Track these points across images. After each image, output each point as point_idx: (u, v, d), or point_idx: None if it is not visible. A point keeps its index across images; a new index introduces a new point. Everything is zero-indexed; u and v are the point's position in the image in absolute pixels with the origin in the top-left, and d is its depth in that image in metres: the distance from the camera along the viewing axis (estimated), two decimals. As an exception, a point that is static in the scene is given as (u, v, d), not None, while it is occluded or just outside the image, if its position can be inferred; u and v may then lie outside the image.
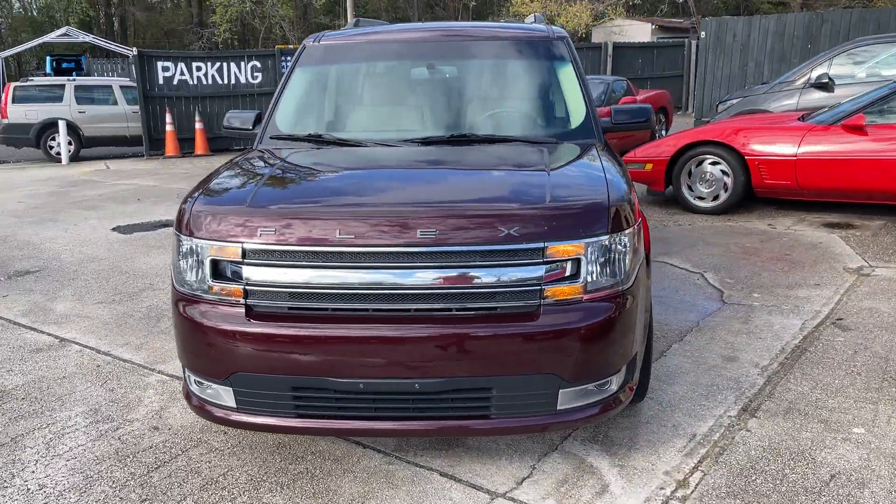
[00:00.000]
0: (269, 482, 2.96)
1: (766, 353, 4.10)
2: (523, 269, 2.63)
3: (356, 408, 2.70)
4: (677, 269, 5.78)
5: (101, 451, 3.22)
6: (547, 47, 4.18)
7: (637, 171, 7.93)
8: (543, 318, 2.63)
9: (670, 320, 4.65)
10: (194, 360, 2.81)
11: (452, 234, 2.61)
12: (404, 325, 2.61)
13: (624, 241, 2.78)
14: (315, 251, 2.64)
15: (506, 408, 2.70)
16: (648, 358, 3.25)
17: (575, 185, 2.99)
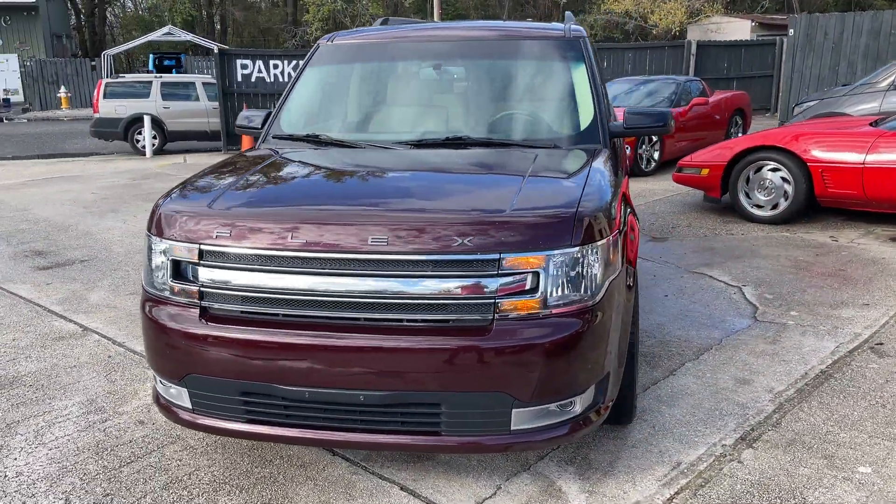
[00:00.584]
0: (230, 485, 2.95)
1: (785, 378, 3.81)
2: (477, 281, 2.51)
3: (304, 416, 2.65)
4: (715, 281, 5.47)
5: (84, 442, 3.30)
6: (559, 47, 4.02)
7: (692, 176, 7.59)
8: (496, 333, 2.51)
9: (691, 336, 4.40)
10: (155, 359, 2.83)
11: (404, 242, 2.52)
12: (351, 334, 2.54)
13: (593, 254, 2.62)
14: (267, 255, 2.60)
15: (456, 425, 2.59)
16: (632, 376, 3.07)
17: (546, 194, 2.84)
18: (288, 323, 2.61)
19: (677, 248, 6.42)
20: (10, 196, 10.05)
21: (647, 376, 3.86)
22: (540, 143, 3.56)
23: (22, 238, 7.37)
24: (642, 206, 8.31)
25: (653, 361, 4.04)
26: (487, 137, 3.61)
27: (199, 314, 2.70)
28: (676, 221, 7.51)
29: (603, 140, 3.64)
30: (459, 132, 3.64)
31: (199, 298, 2.70)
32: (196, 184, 3.10)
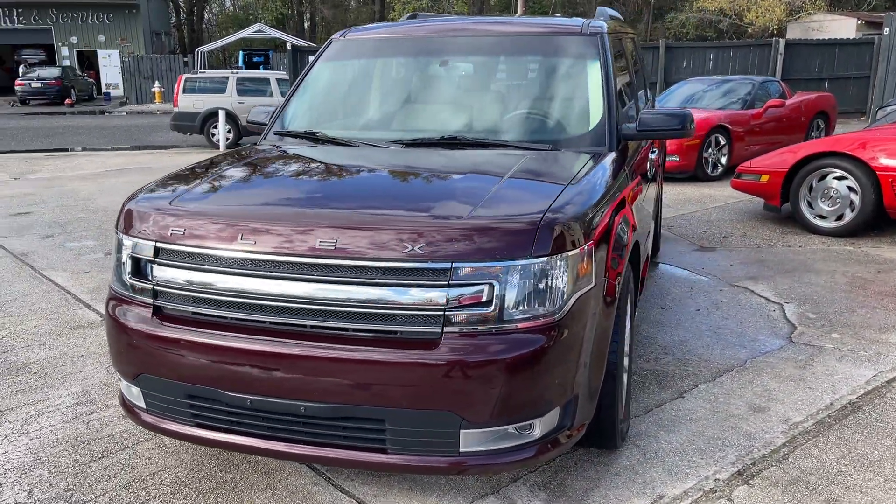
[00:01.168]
0: (189, 488, 2.89)
1: (806, 408, 3.47)
2: (426, 291, 2.36)
3: (248, 424, 2.56)
4: (756, 296, 5.09)
5: (65, 433, 3.31)
6: (573, 44, 3.79)
7: (751, 182, 7.14)
8: (444, 347, 2.34)
9: (713, 356, 4.08)
10: (114, 358, 2.80)
11: (353, 247, 2.39)
12: (294, 341, 2.43)
13: (559, 266, 2.42)
14: (215, 255, 2.52)
15: (402, 443, 2.44)
16: (613, 399, 2.83)
17: (514, 200, 2.65)
18: (234, 327, 2.52)
19: (724, 259, 6.03)
20: (82, 185, 10.47)
21: (652, 397, 3.59)
22: (537, 145, 3.36)
23: (76, 226, 7.63)
24: (698, 212, 7.90)
25: (664, 381, 3.77)
26: (483, 138, 3.43)
27: (151, 313, 2.64)
28: (730, 230, 7.08)
29: (609, 143, 3.40)
30: (455, 132, 3.48)
31: (153, 297, 2.65)
32: (168, 181, 3.06)
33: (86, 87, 33.15)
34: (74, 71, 33.10)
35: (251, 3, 48.50)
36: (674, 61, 17.80)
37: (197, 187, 2.89)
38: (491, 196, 2.63)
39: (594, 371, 2.65)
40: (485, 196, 2.63)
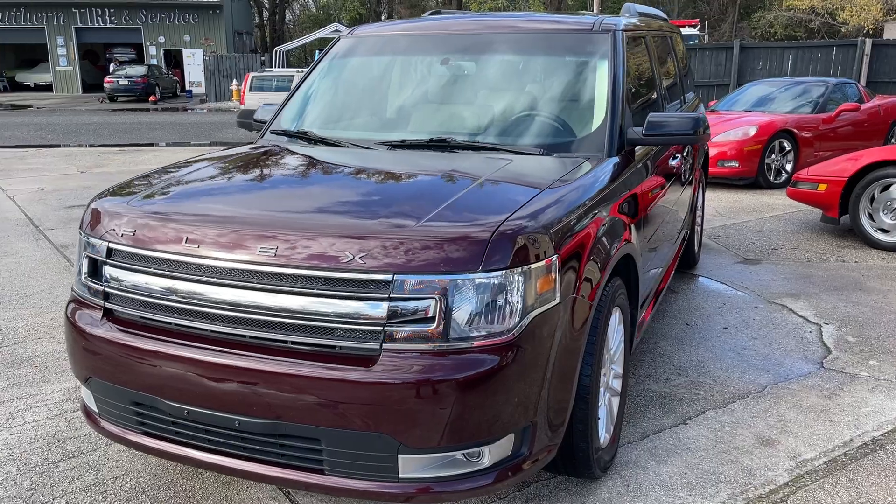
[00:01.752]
0: (146, 495, 2.82)
1: (821, 443, 3.15)
2: (365, 304, 2.20)
3: (189, 435, 2.46)
4: (794, 315, 4.72)
5: (45, 430, 3.31)
6: (580, 43, 3.57)
7: (808, 192, 6.68)
8: (382, 365, 2.18)
9: (731, 379, 3.78)
10: (72, 361, 2.74)
11: (294, 254, 2.26)
12: (233, 352, 2.31)
13: (515, 281, 2.22)
14: (162, 258, 2.44)
15: (340, 466, 2.29)
16: (585, 426, 2.60)
17: (476, 208, 2.45)
18: (177, 333, 2.42)
19: (767, 273, 5.64)
20: (141, 180, 10.74)
21: (652, 422, 3.34)
22: (527, 149, 3.16)
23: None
24: (751, 222, 7.46)
25: (668, 405, 3.50)
26: (473, 141, 3.26)
27: (102, 316, 2.58)
28: (781, 242, 6.64)
29: (608, 149, 3.17)
30: (445, 134, 3.31)
31: (104, 299, 2.59)
32: (137, 180, 3.00)
33: (170, 84, 34.36)
34: (159, 69, 34.36)
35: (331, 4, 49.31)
36: (748, 62, 17.03)
37: (160, 187, 2.82)
38: (450, 203, 2.46)
39: (558, 395, 2.43)
40: (443, 203, 2.46)
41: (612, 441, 2.98)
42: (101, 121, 22.06)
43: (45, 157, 13.42)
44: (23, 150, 14.38)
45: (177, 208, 2.59)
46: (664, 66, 4.61)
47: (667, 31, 5.01)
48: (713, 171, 9.20)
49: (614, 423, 3.02)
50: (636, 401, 3.55)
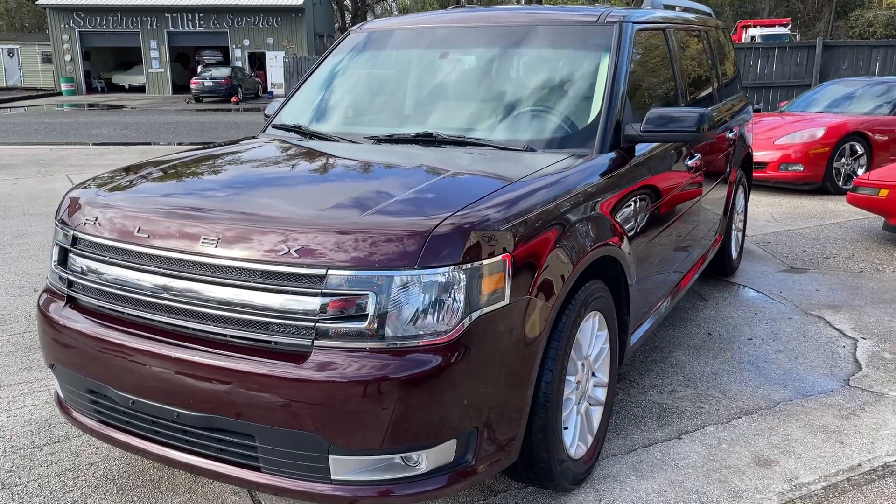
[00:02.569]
0: (114, 483, 2.85)
1: (825, 466, 2.90)
2: (297, 298, 2.15)
3: (136, 424, 2.45)
4: (829, 328, 4.40)
5: (39, 415, 3.40)
6: (582, 36, 3.42)
7: (868, 197, 6.25)
8: (311, 363, 2.12)
9: (742, 394, 3.54)
10: (41, 346, 2.79)
11: (233, 246, 2.23)
12: (174, 343, 2.30)
13: (456, 279, 2.12)
14: (114, 246, 2.45)
15: (274, 463, 2.24)
16: (546, 433, 2.46)
17: (425, 202, 2.36)
18: (126, 322, 2.43)
19: (810, 283, 5.29)
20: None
21: (644, 435, 3.15)
22: (511, 145, 3.04)
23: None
24: (808, 229, 7.03)
25: (666, 418, 3.30)
26: (459, 136, 3.16)
27: (65, 303, 2.62)
28: (836, 251, 6.23)
29: (600, 145, 3.02)
30: (435, 129, 3.22)
31: (68, 287, 2.62)
32: (116, 172, 3.03)
33: (252, 85, 35.38)
34: (243, 71, 35.41)
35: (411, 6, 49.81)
36: (832, 62, 16.17)
37: (129, 179, 2.84)
38: (402, 197, 2.38)
39: (510, 401, 2.31)
40: (395, 196, 2.38)
41: (591, 454, 2.82)
42: (184, 120, 22.89)
43: (123, 153, 13.99)
44: (104, 147, 15.04)
45: (134, 198, 2.60)
46: (692, 63, 4.38)
47: (701, 27, 4.76)
48: (775, 176, 8.76)
49: (594, 435, 2.86)
50: (633, 412, 3.37)
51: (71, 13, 37.63)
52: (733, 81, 5.52)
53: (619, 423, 3.27)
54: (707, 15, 5.26)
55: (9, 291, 5.19)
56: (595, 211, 2.75)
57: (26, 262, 5.95)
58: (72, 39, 38.24)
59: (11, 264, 5.91)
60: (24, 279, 5.49)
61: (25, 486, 2.83)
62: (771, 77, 16.81)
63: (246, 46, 38.39)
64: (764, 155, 8.65)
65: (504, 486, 2.80)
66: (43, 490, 2.81)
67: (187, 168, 3.04)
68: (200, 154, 3.27)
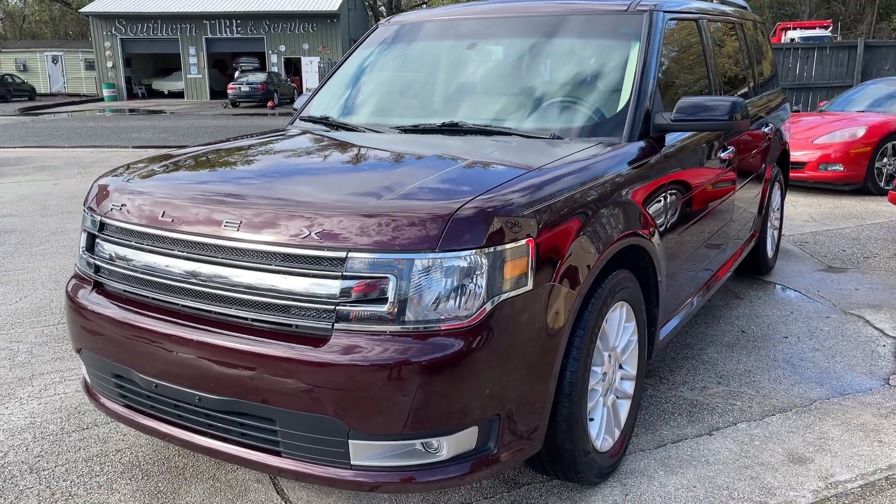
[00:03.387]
0: (140, 469, 2.87)
1: (863, 465, 2.80)
2: (318, 281, 2.13)
3: (159, 409, 2.46)
4: (869, 327, 4.27)
5: (68, 403, 3.44)
6: (612, 24, 3.37)
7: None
8: (331, 346, 2.10)
9: (776, 392, 3.44)
10: (69, 332, 2.82)
11: (255, 230, 2.22)
12: (198, 326, 2.30)
13: (478, 264, 2.09)
14: (140, 231, 2.47)
15: (295, 448, 2.23)
16: (571, 423, 2.41)
17: (447, 188, 2.33)
18: (149, 306, 2.44)
19: (850, 283, 5.14)
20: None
21: (674, 431, 3.08)
22: (538, 133, 3.01)
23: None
24: (848, 229, 6.85)
25: (697, 414, 3.23)
26: (485, 125, 3.13)
27: (92, 288, 2.64)
28: (877, 250, 6.05)
29: (629, 134, 2.97)
30: (458, 118, 3.20)
31: (95, 272, 2.65)
32: (142, 162, 3.05)
33: (287, 90, 35.74)
34: (279, 76, 35.80)
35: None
36: (874, 62, 15.77)
37: (157, 167, 2.86)
38: (424, 182, 2.35)
39: (533, 389, 2.27)
40: (418, 181, 2.36)
41: (618, 448, 2.77)
42: (220, 124, 23.19)
43: (159, 156, 14.22)
44: (143, 150, 15.29)
45: (161, 185, 2.62)
46: (727, 55, 4.29)
47: (736, 19, 4.66)
48: (814, 176, 8.56)
49: (621, 429, 2.80)
50: (663, 407, 3.30)
51: (113, 21, 38.45)
52: (771, 80, 5.40)
53: (648, 418, 3.20)
54: (743, 9, 5.16)
55: (45, 285, 5.29)
56: (623, 199, 2.70)
57: (63, 258, 6.06)
58: (114, 46, 39.05)
59: (49, 259, 6.02)
60: (60, 273, 5.58)
61: (53, 471, 2.86)
62: (811, 78, 16.47)
63: (282, 52, 38.82)
64: (803, 155, 8.46)
65: (529, 478, 2.75)
66: (70, 475, 2.83)
67: (214, 157, 3.05)
68: (228, 145, 3.29)
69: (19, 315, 4.64)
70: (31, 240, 6.73)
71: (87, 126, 21.54)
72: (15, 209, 8.24)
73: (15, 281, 5.40)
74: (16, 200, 8.80)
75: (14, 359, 3.95)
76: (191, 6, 37.68)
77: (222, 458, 2.36)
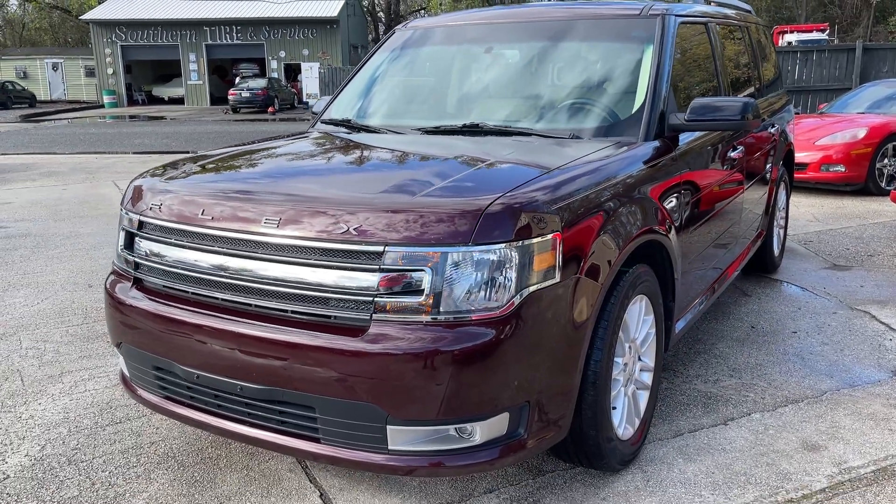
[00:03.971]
0: (175, 460, 2.96)
1: (874, 451, 2.91)
2: (356, 274, 2.24)
3: (200, 399, 2.56)
4: (875, 322, 4.37)
5: (100, 398, 3.54)
6: (626, 28, 3.48)
7: (913, 195, 6.18)
8: (369, 336, 2.21)
9: (788, 384, 3.55)
10: (108, 328, 2.92)
11: (295, 226, 2.33)
12: (237, 319, 2.40)
13: (508, 257, 2.20)
14: (180, 229, 2.57)
15: (333, 434, 2.32)
16: (596, 411, 2.51)
17: (477, 185, 2.43)
18: (192, 301, 2.54)
19: (855, 280, 5.25)
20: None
21: (690, 421, 3.18)
22: (557, 133, 3.11)
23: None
24: (851, 228, 6.97)
25: (712, 405, 3.33)
26: (505, 126, 3.24)
27: (132, 284, 2.74)
28: (880, 249, 6.17)
29: (645, 133, 3.08)
30: (478, 120, 3.31)
31: (134, 269, 2.75)
32: (176, 163, 3.15)
33: (288, 96, 35.88)
34: (279, 82, 35.94)
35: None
36: (872, 65, 15.94)
37: (192, 168, 2.96)
38: (454, 179, 2.46)
39: (561, 377, 2.37)
40: (448, 179, 2.46)
41: (638, 437, 2.87)
42: (221, 130, 23.30)
43: (165, 161, 14.31)
44: (147, 156, 15.39)
45: (198, 185, 2.72)
46: (733, 57, 4.41)
47: (741, 23, 4.78)
48: (816, 176, 8.68)
49: (641, 418, 2.90)
50: (678, 399, 3.40)
51: (113, 27, 38.60)
52: (775, 82, 5.52)
53: (665, 410, 3.30)
54: (747, 13, 5.27)
55: (65, 287, 5.38)
56: (641, 196, 2.80)
57: (80, 261, 6.15)
58: (114, 53, 39.19)
59: (66, 262, 6.12)
60: (78, 276, 5.68)
61: (91, 463, 2.95)
62: (810, 81, 16.63)
63: (282, 58, 38.97)
64: (804, 156, 8.58)
65: (552, 466, 2.85)
66: (108, 466, 2.93)
67: (245, 158, 3.15)
68: (256, 146, 3.39)
69: (43, 316, 4.73)
70: (47, 244, 6.82)
71: (90, 133, 21.65)
72: (27, 214, 8.34)
73: (35, 283, 5.49)
74: (28, 206, 8.90)
75: (42, 357, 4.05)
76: (191, 13, 37.84)
77: (262, 445, 2.46)
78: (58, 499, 2.71)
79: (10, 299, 5.11)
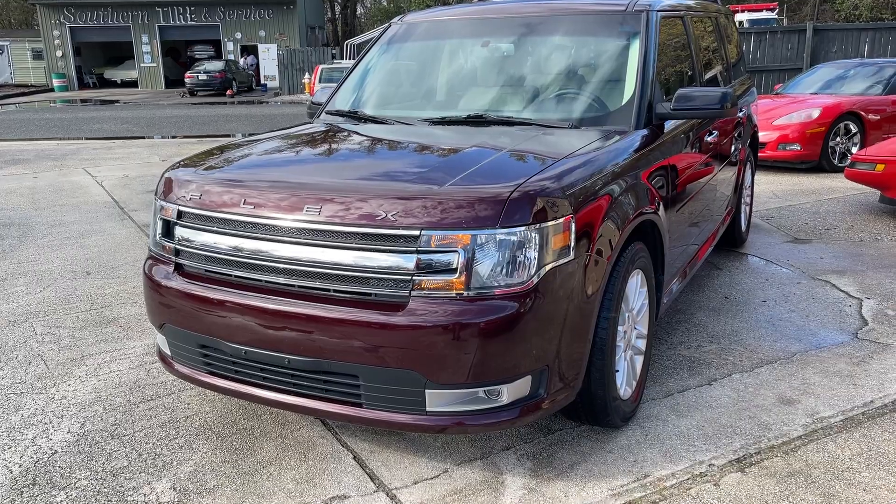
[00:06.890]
0: (212, 431, 3.20)
1: (842, 403, 3.28)
2: (395, 256, 2.50)
3: (246, 373, 2.80)
4: (836, 290, 4.79)
5: (127, 378, 3.74)
6: (613, 23, 3.77)
7: (865, 172, 6.64)
8: (409, 310, 2.47)
9: (762, 347, 3.92)
10: (147, 310, 3.13)
11: (336, 213, 2.57)
12: (283, 299, 2.64)
13: (530, 238, 2.48)
14: (223, 217, 2.78)
15: (375, 399, 2.60)
16: (603, 373, 2.82)
17: (498, 172, 2.71)
18: (236, 284, 2.77)
19: (815, 252, 5.68)
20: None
21: (678, 383, 3.52)
22: (558, 123, 3.39)
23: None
24: (808, 204, 7.43)
25: (696, 368, 3.68)
26: (508, 116, 3.51)
27: (173, 269, 2.95)
28: (836, 223, 6.63)
29: (636, 122, 3.38)
30: (483, 111, 3.58)
31: (175, 255, 2.96)
32: (203, 155, 3.36)
33: (246, 79, 35.51)
34: (236, 64, 35.55)
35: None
36: (823, 45, 16.59)
37: (223, 159, 3.18)
38: (476, 168, 2.72)
39: (574, 343, 2.67)
40: (469, 168, 2.72)
41: (635, 396, 3.19)
42: (182, 114, 23.07)
43: (130, 147, 14.24)
44: (110, 142, 15.27)
45: (235, 175, 2.94)
46: (705, 46, 4.74)
47: (713, 14, 5.11)
48: (774, 155, 9.15)
49: (637, 380, 3.22)
50: (665, 364, 3.74)
51: (61, 9, 37.63)
52: (738, 62, 5.89)
53: (654, 373, 3.63)
54: (714, 2, 5.61)
55: (63, 275, 5.51)
56: (635, 180, 3.11)
57: (71, 249, 6.26)
58: (62, 35, 38.25)
59: (57, 251, 6.22)
60: (74, 264, 5.80)
61: (133, 436, 3.17)
62: (763, 61, 17.21)
63: (238, 39, 38.49)
64: (763, 135, 9.03)
65: (560, 425, 3.16)
66: (150, 438, 3.15)
67: (269, 149, 3.37)
68: (275, 137, 3.60)
69: (49, 303, 4.88)
70: (33, 233, 6.89)
71: (44, 118, 21.28)
72: (5, 203, 8.35)
73: (32, 272, 5.61)
74: (2, 194, 8.88)
75: (59, 342, 4.22)
76: (143, -7, 37.09)
77: (307, 412, 2.72)
78: (110, 469, 2.93)
79: (11, 288, 5.23)
